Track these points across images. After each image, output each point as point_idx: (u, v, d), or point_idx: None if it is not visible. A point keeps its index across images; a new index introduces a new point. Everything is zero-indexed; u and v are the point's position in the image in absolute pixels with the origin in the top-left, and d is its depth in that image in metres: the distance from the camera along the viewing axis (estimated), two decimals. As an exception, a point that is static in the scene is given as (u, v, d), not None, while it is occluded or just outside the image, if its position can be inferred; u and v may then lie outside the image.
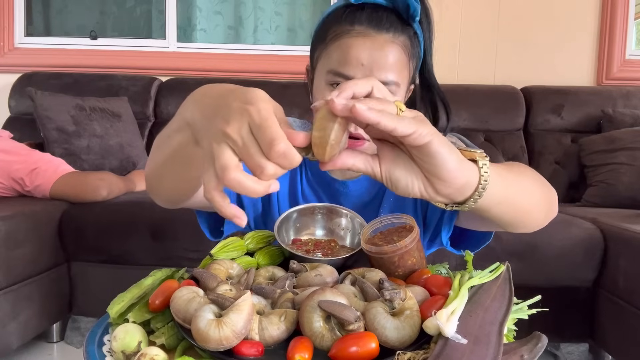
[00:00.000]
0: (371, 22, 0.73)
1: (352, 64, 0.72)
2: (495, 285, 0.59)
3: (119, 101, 2.36)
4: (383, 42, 0.73)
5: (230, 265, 0.67)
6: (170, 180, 0.61)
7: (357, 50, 0.72)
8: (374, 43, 0.72)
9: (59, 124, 2.13)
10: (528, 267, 1.60)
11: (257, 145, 0.41)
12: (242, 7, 2.88)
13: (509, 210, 0.58)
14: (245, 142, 0.41)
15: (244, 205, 0.85)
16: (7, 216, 1.53)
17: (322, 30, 0.78)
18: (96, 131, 2.20)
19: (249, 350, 0.50)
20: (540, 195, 0.65)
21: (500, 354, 0.47)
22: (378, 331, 0.51)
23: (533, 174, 0.65)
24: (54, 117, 2.13)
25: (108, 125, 2.23)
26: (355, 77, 0.72)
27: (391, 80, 0.74)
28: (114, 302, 0.60)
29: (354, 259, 0.74)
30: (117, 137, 2.24)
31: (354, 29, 0.73)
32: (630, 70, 2.59)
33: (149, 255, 1.72)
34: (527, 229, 0.66)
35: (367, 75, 0.73)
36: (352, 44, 0.73)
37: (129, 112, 2.37)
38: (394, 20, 0.74)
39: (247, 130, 0.41)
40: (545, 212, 0.67)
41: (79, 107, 2.21)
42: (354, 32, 0.73)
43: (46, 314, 1.71)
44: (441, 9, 2.60)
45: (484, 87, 2.51)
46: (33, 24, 2.91)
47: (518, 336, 0.55)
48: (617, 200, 2.04)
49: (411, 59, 0.77)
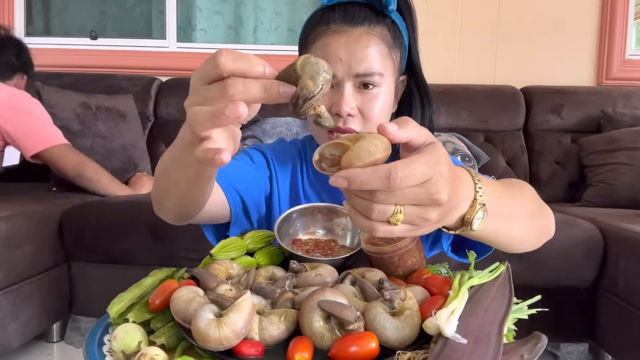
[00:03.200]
0: (345, 18, 0.74)
1: (330, 61, 0.73)
2: (495, 285, 0.59)
3: (124, 99, 2.35)
4: (358, 35, 0.74)
5: (230, 265, 0.67)
6: (178, 198, 0.62)
7: (333, 47, 0.74)
8: (350, 37, 0.74)
9: (64, 122, 2.12)
10: (528, 267, 1.60)
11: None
12: (242, 7, 2.88)
13: (500, 240, 0.59)
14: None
15: (247, 209, 0.84)
16: (7, 216, 1.53)
17: (303, 36, 0.80)
18: (101, 131, 2.19)
19: (249, 350, 0.50)
20: (533, 223, 0.64)
21: (500, 354, 0.47)
22: (378, 331, 0.51)
23: (530, 197, 0.65)
24: (59, 114, 2.13)
25: (113, 125, 2.23)
26: (336, 74, 0.74)
27: (373, 70, 0.74)
28: (114, 302, 0.60)
29: (354, 259, 0.74)
30: (121, 137, 2.23)
31: (330, 27, 0.75)
32: (630, 70, 2.59)
33: (149, 255, 1.72)
34: (519, 252, 0.67)
35: (347, 71, 0.74)
36: (329, 42, 0.74)
37: (134, 111, 2.36)
38: (368, 13, 0.75)
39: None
40: (538, 238, 0.67)
41: (85, 106, 2.20)
42: (330, 30, 0.75)
43: (46, 314, 1.72)
44: (441, 9, 2.60)
45: (483, 87, 2.52)
46: (33, 24, 2.91)
47: (518, 336, 0.55)
48: (617, 200, 2.04)
49: (393, 49, 0.77)
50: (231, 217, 0.80)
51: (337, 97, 0.75)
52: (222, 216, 0.79)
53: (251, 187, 0.84)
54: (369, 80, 0.75)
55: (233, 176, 0.80)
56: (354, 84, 0.76)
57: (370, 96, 0.76)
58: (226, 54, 0.41)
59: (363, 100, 0.76)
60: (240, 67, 0.41)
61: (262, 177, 0.87)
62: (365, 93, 0.76)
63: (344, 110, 0.75)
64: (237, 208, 0.80)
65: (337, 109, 0.75)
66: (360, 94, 0.76)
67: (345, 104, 0.74)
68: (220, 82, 0.41)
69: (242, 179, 0.82)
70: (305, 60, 0.42)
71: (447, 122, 2.41)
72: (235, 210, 0.80)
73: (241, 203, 0.82)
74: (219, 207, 0.77)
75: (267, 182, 0.88)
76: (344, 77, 0.75)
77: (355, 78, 0.75)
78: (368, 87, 0.76)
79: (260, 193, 0.86)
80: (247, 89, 0.41)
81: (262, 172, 0.87)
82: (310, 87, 0.42)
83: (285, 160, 0.91)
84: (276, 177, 0.89)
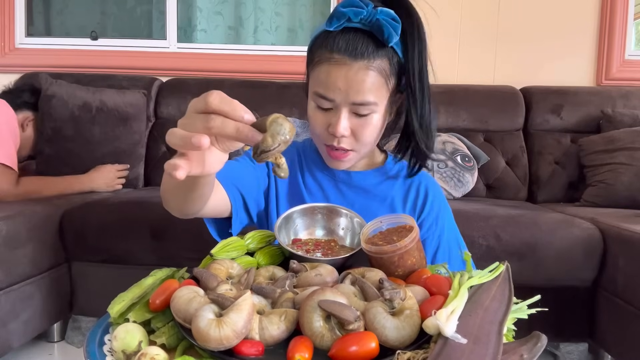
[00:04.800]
0: (347, 49, 0.80)
1: (331, 88, 0.81)
2: (494, 285, 0.60)
3: (136, 94, 2.31)
4: (358, 69, 0.80)
5: (231, 265, 0.68)
6: (182, 199, 0.68)
7: (334, 78, 0.80)
8: (349, 71, 0.80)
9: (58, 123, 2.11)
10: (527, 266, 1.60)
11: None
12: (242, 7, 2.88)
13: None
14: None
15: (247, 204, 0.90)
16: (7, 216, 1.53)
17: (310, 51, 0.87)
18: (94, 137, 2.15)
19: (249, 350, 0.50)
20: None
21: (500, 354, 0.47)
22: (378, 331, 0.51)
23: None
24: (55, 115, 2.11)
25: (109, 129, 2.19)
26: (335, 99, 0.81)
27: (368, 101, 0.81)
28: (114, 301, 0.61)
29: (354, 259, 0.74)
30: (113, 143, 2.18)
31: (333, 57, 0.81)
32: (629, 71, 2.59)
33: (149, 255, 1.72)
34: None
35: (344, 98, 0.81)
36: (331, 71, 0.81)
37: (141, 110, 2.32)
38: (369, 45, 0.80)
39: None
40: None
41: (86, 107, 2.17)
42: (333, 60, 0.81)
43: (47, 314, 1.72)
44: (441, 9, 2.60)
45: (483, 87, 2.51)
46: (34, 24, 2.91)
47: (518, 336, 0.55)
48: (617, 201, 2.04)
49: (389, 77, 0.83)
50: (232, 211, 0.86)
51: (334, 120, 0.83)
52: (223, 210, 0.85)
53: (250, 184, 0.90)
54: (363, 109, 0.82)
55: (234, 175, 0.87)
56: (349, 110, 0.83)
57: (363, 121, 0.84)
58: (216, 95, 0.49)
59: (357, 124, 0.84)
60: (224, 109, 0.48)
61: (261, 174, 0.94)
62: (359, 118, 0.83)
63: (339, 132, 0.83)
64: (237, 203, 0.87)
65: (333, 130, 0.83)
66: (355, 118, 0.83)
67: (340, 126, 0.82)
68: (206, 114, 0.49)
69: (241, 177, 0.89)
70: (274, 119, 0.49)
71: (446, 122, 2.41)
72: (236, 205, 0.86)
73: (241, 198, 0.88)
74: (221, 203, 0.83)
75: (265, 178, 0.95)
76: (341, 103, 0.82)
77: (352, 105, 0.82)
78: (363, 113, 0.83)
79: (258, 189, 0.93)
80: (223, 126, 0.48)
81: (260, 169, 0.94)
82: (268, 143, 0.49)
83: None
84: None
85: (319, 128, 0.86)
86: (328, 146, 0.86)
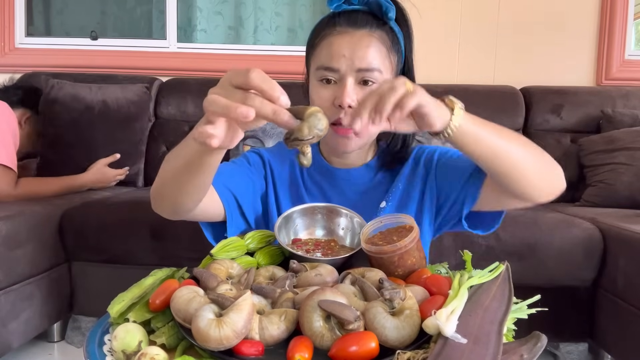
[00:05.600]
0: (349, 21, 0.82)
1: (335, 57, 0.81)
2: (494, 285, 0.60)
3: (138, 89, 2.31)
4: (360, 35, 0.81)
5: (231, 265, 0.68)
6: (179, 188, 0.66)
7: (338, 45, 0.81)
8: (353, 37, 0.81)
9: (57, 128, 2.10)
10: (527, 266, 1.61)
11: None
12: (242, 7, 2.88)
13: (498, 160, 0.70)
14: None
15: (242, 208, 0.87)
16: (7, 216, 1.53)
17: (311, 38, 0.87)
18: (94, 140, 2.14)
19: (249, 350, 0.50)
20: (534, 156, 0.75)
21: (500, 354, 0.48)
22: (378, 331, 0.51)
23: (534, 145, 0.76)
24: (55, 117, 2.11)
25: (110, 131, 2.19)
26: (340, 68, 0.81)
27: (373, 66, 0.81)
28: (114, 301, 0.60)
29: (354, 259, 0.74)
30: (117, 142, 2.18)
31: (335, 29, 0.83)
32: (629, 71, 2.59)
33: (149, 255, 1.72)
34: (529, 191, 0.76)
35: (349, 66, 0.80)
36: (334, 41, 0.82)
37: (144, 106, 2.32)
38: (369, 19, 0.83)
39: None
40: (543, 176, 0.77)
41: (88, 109, 2.16)
42: (335, 31, 0.83)
43: (47, 314, 1.72)
44: (441, 9, 2.60)
45: (483, 87, 2.51)
46: (34, 24, 2.91)
47: (517, 336, 0.55)
48: (617, 201, 2.04)
49: (391, 51, 0.84)
50: (225, 216, 0.83)
51: (340, 91, 0.81)
52: (216, 214, 0.83)
53: (245, 187, 0.88)
54: (369, 75, 0.81)
55: (227, 177, 0.84)
56: (355, 79, 0.81)
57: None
58: (258, 73, 0.49)
59: (363, 95, 0.80)
60: (264, 87, 0.49)
61: (257, 177, 0.92)
62: (365, 88, 0.82)
63: (346, 102, 0.79)
64: (232, 207, 0.84)
65: (339, 101, 0.81)
66: (361, 89, 0.81)
67: (347, 96, 0.79)
68: (245, 91, 0.49)
69: (236, 180, 0.86)
70: (314, 112, 0.52)
71: (446, 122, 2.41)
72: (230, 209, 0.84)
73: (235, 202, 0.85)
74: (212, 206, 0.80)
75: (262, 182, 0.93)
76: (347, 71, 0.81)
77: (357, 73, 0.81)
78: (368, 83, 0.82)
79: (255, 193, 0.91)
80: (262, 106, 0.49)
81: (257, 172, 0.92)
82: (304, 133, 0.51)
83: (283, 160, 0.96)
84: (272, 176, 0.94)
85: (324, 104, 0.81)
86: (333, 125, 0.82)
